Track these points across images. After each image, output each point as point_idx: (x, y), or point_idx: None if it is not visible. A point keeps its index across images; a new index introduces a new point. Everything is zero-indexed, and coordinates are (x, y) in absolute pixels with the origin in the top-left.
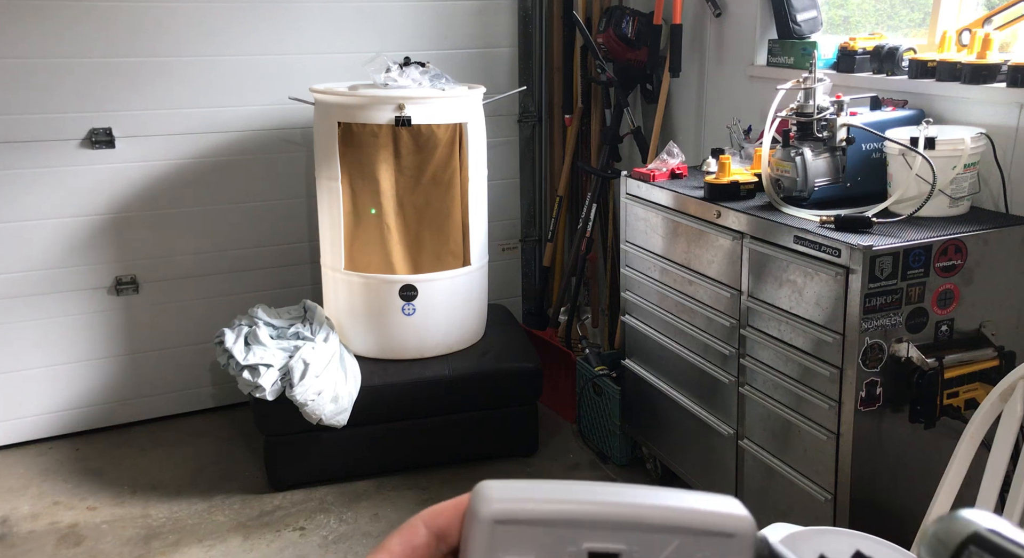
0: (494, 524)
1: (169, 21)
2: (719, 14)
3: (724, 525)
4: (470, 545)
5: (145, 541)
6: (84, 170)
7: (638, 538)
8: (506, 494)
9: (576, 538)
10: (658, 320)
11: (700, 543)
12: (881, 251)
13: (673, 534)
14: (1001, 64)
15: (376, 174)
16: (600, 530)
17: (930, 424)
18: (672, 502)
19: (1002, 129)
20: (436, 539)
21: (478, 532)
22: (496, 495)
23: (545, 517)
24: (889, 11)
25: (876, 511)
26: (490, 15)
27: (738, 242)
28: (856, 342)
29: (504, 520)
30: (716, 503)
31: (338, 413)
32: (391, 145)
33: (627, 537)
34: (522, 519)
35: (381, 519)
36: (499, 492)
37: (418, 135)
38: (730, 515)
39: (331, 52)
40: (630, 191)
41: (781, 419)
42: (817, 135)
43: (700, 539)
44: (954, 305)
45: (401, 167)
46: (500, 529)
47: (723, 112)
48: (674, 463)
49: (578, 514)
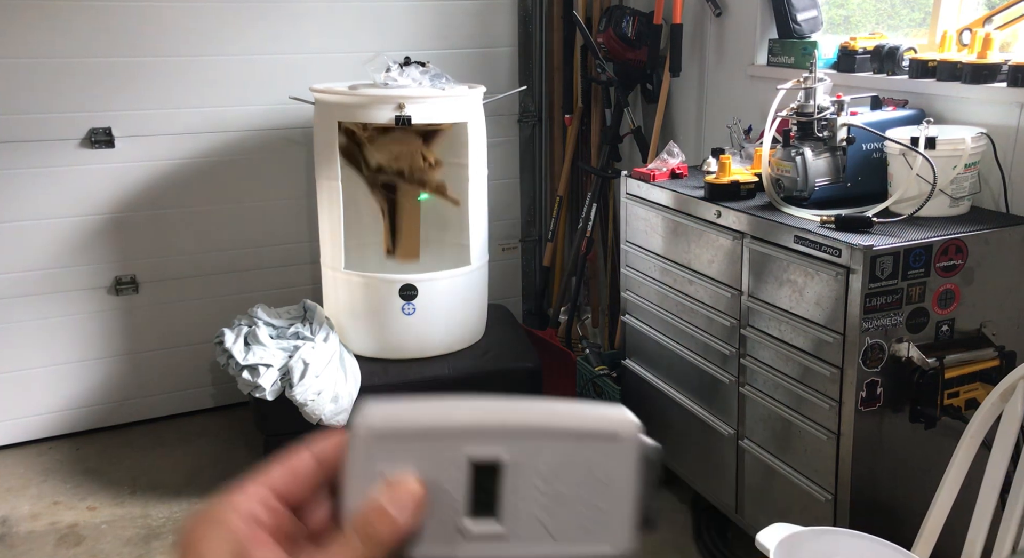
0: (372, 438)
1: (169, 20)
2: (719, 14)
3: (605, 427)
4: (350, 460)
5: (145, 541)
6: (84, 170)
7: (519, 445)
8: (385, 410)
9: (455, 447)
10: (658, 320)
11: (583, 448)
12: (881, 251)
13: (554, 439)
14: (1002, 64)
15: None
16: (478, 438)
17: (930, 424)
18: (551, 407)
19: (1002, 129)
20: (318, 464)
21: (357, 446)
22: (375, 411)
23: (422, 428)
24: (889, 11)
25: (876, 511)
26: (490, 15)
27: (738, 242)
28: (856, 342)
29: (383, 434)
30: (599, 409)
31: (338, 413)
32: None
33: (508, 444)
34: (400, 431)
35: None
36: (379, 409)
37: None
38: (611, 417)
39: (331, 52)
40: (630, 191)
41: (781, 419)
42: (817, 135)
43: (583, 444)
44: (954, 305)
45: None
46: (379, 443)
47: (723, 112)
48: (674, 463)
49: (455, 423)
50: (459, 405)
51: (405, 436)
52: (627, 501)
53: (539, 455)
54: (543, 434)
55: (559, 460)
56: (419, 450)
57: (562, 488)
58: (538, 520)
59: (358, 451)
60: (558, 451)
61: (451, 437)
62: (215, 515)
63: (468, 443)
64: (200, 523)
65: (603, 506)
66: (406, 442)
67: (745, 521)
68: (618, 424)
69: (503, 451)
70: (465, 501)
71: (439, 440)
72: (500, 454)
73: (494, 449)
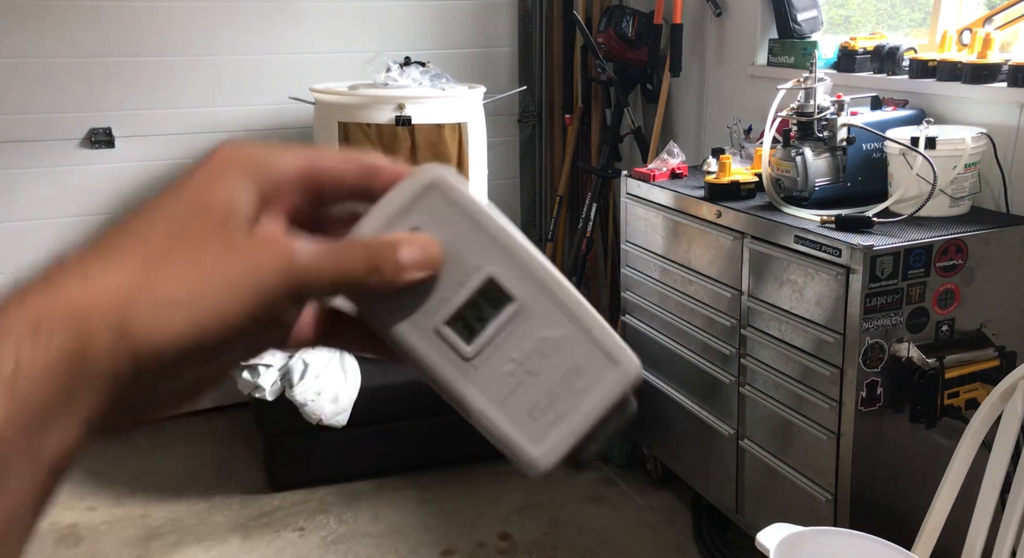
0: (429, 190)
1: (169, 20)
2: (719, 14)
3: (615, 349)
4: (396, 194)
5: (144, 541)
6: (84, 170)
7: (537, 298)
8: (456, 180)
9: (487, 257)
10: (659, 320)
11: (585, 350)
12: (882, 251)
13: (569, 322)
14: (1002, 64)
15: None
16: (512, 268)
17: (931, 424)
18: (584, 301)
19: (1003, 129)
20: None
21: (410, 188)
22: (448, 174)
23: (475, 217)
24: (890, 10)
25: (877, 511)
26: (490, 15)
27: (738, 242)
28: (857, 342)
29: (440, 193)
30: (616, 335)
31: (338, 413)
32: (391, 145)
33: (529, 291)
34: (456, 203)
35: (381, 520)
36: (453, 175)
37: (418, 134)
38: (624, 347)
39: (331, 52)
40: (630, 191)
41: (782, 419)
42: (818, 135)
43: (588, 346)
44: (955, 305)
45: None
46: (430, 199)
47: (723, 112)
48: (674, 463)
49: (505, 239)
50: (517, 232)
51: (456, 212)
52: (583, 423)
53: (547, 323)
54: (564, 310)
55: (558, 341)
56: (457, 232)
57: (541, 367)
58: (501, 376)
59: (408, 192)
60: (564, 334)
61: (492, 246)
62: (257, 159)
63: (500, 265)
64: (239, 156)
65: (558, 412)
66: (453, 218)
67: (745, 521)
68: (627, 357)
69: (523, 294)
70: (454, 308)
71: (480, 239)
72: (518, 294)
73: (517, 286)
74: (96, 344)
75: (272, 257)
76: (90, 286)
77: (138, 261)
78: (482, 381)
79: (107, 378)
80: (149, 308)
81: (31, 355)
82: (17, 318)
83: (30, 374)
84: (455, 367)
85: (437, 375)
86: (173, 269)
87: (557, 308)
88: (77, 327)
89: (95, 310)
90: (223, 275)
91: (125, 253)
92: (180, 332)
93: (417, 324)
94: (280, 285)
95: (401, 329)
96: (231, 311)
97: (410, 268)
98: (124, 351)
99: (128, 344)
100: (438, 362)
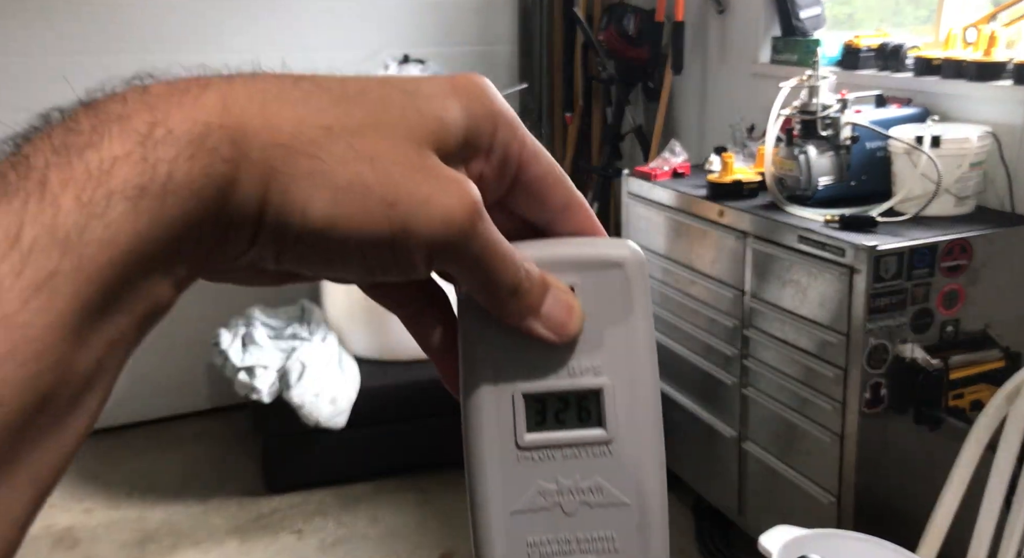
0: (618, 262)
1: (166, 18)
2: (722, 11)
3: (612, 257)
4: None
5: (141, 544)
6: None
7: (625, 443)
8: (646, 269)
9: (613, 363)
10: (660, 320)
11: (631, 535)
12: (886, 251)
13: (637, 495)
14: (1007, 62)
15: None
16: (626, 393)
17: (935, 426)
18: (663, 483)
19: (1008, 127)
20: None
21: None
22: (641, 259)
23: (635, 317)
24: (894, 8)
25: (881, 513)
26: (490, 12)
27: (741, 242)
28: (860, 343)
29: (629, 272)
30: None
31: (336, 415)
32: None
33: (624, 431)
34: (631, 293)
35: (379, 522)
36: (644, 261)
37: None
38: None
39: (329, 50)
40: (632, 190)
41: (784, 421)
42: (821, 133)
43: (635, 534)
44: (959, 305)
45: None
46: (613, 270)
47: (726, 110)
48: (676, 465)
49: (640, 356)
50: (654, 357)
51: (622, 301)
52: None
53: (618, 477)
54: (641, 477)
55: (613, 505)
56: (607, 318)
57: (578, 512)
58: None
59: (595, 251)
60: (624, 502)
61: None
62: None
63: (619, 382)
64: (488, 97)
65: None
66: (614, 303)
67: (747, 524)
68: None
69: (616, 430)
70: (544, 388)
71: (621, 342)
72: (611, 426)
73: (618, 418)
74: (243, 184)
75: (461, 198)
76: (266, 111)
77: (327, 116)
78: (512, 476)
79: (234, 226)
80: (310, 171)
81: (189, 165)
82: (187, 113)
83: (182, 185)
84: (499, 441)
85: (475, 429)
86: (359, 144)
87: (637, 470)
88: (237, 153)
89: (258, 142)
90: (407, 180)
91: (315, 93)
92: (327, 216)
93: (499, 366)
94: (450, 231)
95: (480, 355)
96: (394, 226)
97: (538, 318)
98: (257, 203)
99: (269, 198)
100: (488, 421)
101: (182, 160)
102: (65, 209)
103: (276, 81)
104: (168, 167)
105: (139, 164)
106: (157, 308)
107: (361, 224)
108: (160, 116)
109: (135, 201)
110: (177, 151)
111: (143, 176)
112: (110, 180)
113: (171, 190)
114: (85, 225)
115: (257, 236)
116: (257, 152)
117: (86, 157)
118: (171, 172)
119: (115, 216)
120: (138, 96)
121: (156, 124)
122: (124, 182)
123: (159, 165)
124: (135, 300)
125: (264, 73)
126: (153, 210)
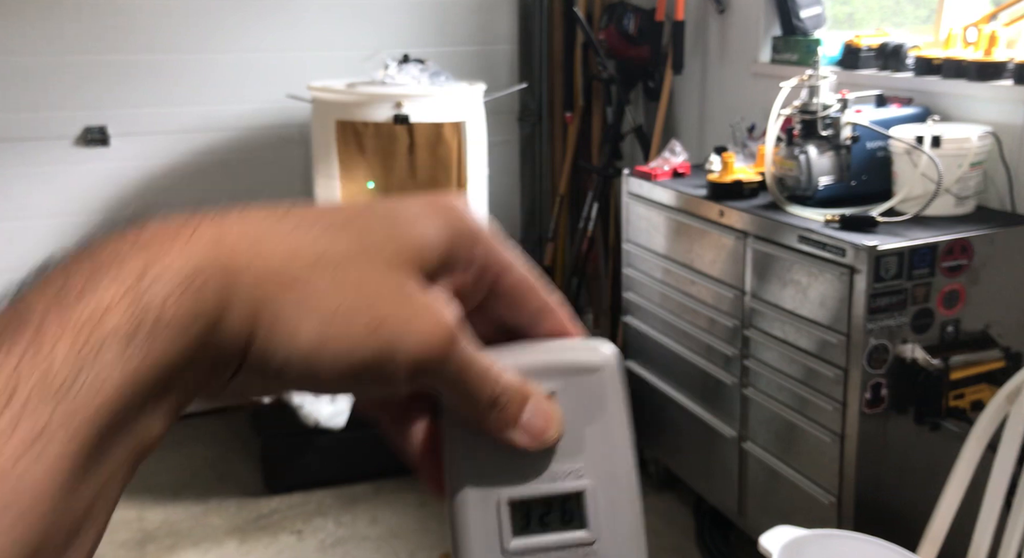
0: (596, 368)
1: (165, 17)
2: (722, 10)
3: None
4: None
5: (140, 545)
6: (78, 169)
7: (609, 545)
8: (622, 372)
9: (595, 465)
10: (660, 321)
11: (574, 382)
12: (886, 251)
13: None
14: (1007, 61)
15: (374, 172)
16: (607, 495)
17: (935, 426)
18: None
19: (1009, 127)
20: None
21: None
22: (618, 360)
23: (614, 420)
24: (894, 7)
25: (881, 514)
26: (490, 11)
27: (741, 241)
28: (861, 343)
29: (606, 376)
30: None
31: (336, 415)
32: (389, 144)
33: (607, 533)
34: (609, 397)
35: (379, 523)
36: (620, 361)
37: (417, 133)
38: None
39: (329, 49)
40: (632, 190)
41: (785, 421)
42: (821, 133)
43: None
44: (960, 305)
45: (400, 165)
46: (591, 374)
47: (726, 110)
48: (676, 466)
49: (621, 458)
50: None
51: (600, 404)
52: None
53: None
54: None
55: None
56: (586, 421)
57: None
58: None
59: (572, 355)
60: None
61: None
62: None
63: (601, 484)
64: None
65: None
66: (593, 406)
67: (748, 524)
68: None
69: (599, 531)
70: (528, 494)
71: (602, 443)
72: (594, 527)
73: (600, 519)
74: (230, 321)
75: (439, 323)
76: (257, 247)
77: (316, 247)
78: None
79: (222, 361)
80: (297, 302)
81: (176, 306)
82: (177, 253)
83: (171, 325)
84: (486, 547)
85: (462, 535)
86: (344, 273)
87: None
88: (226, 291)
89: (248, 278)
90: (389, 306)
91: (302, 225)
92: (313, 342)
93: (484, 472)
94: (429, 354)
95: (465, 461)
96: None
97: (517, 428)
98: (245, 337)
99: (256, 333)
100: (475, 528)
101: (171, 300)
102: (59, 359)
103: (266, 215)
104: (158, 309)
105: (130, 308)
106: (149, 441)
107: (348, 347)
108: (152, 257)
109: (125, 345)
110: (168, 292)
111: (133, 321)
112: (102, 327)
113: (159, 330)
114: (77, 374)
115: (241, 368)
116: (246, 289)
117: (81, 304)
118: (160, 313)
119: (106, 362)
120: (133, 239)
121: (149, 265)
122: (115, 328)
123: (149, 308)
124: (127, 438)
125: (254, 209)
126: (143, 352)
